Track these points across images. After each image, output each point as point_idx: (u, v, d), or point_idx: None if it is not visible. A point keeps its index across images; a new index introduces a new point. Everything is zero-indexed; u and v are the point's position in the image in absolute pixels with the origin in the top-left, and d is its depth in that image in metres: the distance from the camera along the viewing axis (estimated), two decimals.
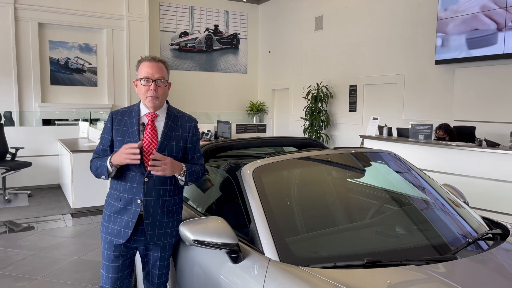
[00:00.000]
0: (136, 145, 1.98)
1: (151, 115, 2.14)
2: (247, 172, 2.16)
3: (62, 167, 6.93)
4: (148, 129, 2.11)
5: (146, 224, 2.09)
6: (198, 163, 2.24)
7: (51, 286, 3.50)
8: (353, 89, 9.25)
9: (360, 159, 2.55)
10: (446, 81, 7.23)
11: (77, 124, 8.25)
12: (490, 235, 2.10)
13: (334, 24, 9.69)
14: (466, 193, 4.11)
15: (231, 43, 12.61)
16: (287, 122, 11.50)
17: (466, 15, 6.61)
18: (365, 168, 2.54)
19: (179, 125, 2.18)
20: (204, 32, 12.20)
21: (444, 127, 5.82)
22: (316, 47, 10.30)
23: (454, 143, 4.77)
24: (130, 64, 10.53)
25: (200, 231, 1.84)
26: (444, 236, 2.05)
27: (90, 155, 5.76)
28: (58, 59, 10.05)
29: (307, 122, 9.83)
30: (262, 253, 1.80)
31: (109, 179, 2.14)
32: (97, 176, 2.16)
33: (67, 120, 9.74)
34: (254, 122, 12.21)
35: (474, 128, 5.92)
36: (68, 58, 10.18)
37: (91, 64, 10.47)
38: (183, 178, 2.12)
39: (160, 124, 2.15)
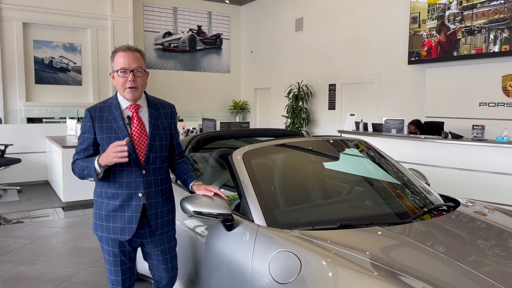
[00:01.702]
0: (123, 142, 1.91)
1: (134, 106, 2.09)
2: (237, 156, 2.48)
3: (51, 163, 7.10)
4: (135, 121, 2.07)
5: (150, 215, 2.10)
6: (180, 150, 2.33)
7: (52, 269, 3.74)
8: (332, 88, 9.67)
9: (335, 145, 2.92)
10: (418, 80, 7.70)
11: (64, 122, 8.40)
12: (445, 207, 2.49)
13: (314, 25, 10.10)
14: (433, 180, 4.53)
15: (214, 43, 12.89)
16: (270, 120, 11.86)
17: (437, 17, 7.09)
18: (340, 153, 2.90)
19: (161, 113, 2.18)
20: (188, 32, 12.45)
21: (415, 123, 6.27)
22: (297, 48, 10.69)
23: (423, 136, 5.20)
24: None
25: (199, 204, 2.15)
26: (406, 207, 2.42)
27: None
28: (43, 58, 10.15)
29: (289, 120, 10.21)
30: (252, 221, 2.13)
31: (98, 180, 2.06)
32: (83, 178, 2.11)
33: (52, 118, 9.84)
34: (237, 120, 12.53)
35: (443, 123, 6.39)
36: (53, 58, 10.28)
37: (75, 64, 10.59)
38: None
39: (144, 114, 2.12)
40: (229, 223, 2.15)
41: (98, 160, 1.98)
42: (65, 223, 5.17)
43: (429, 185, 2.98)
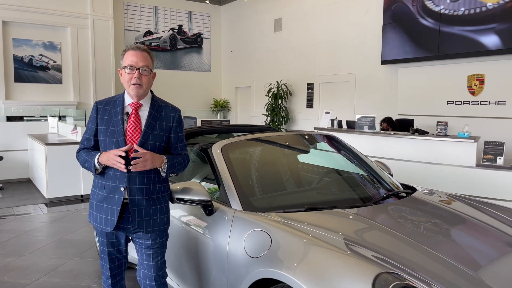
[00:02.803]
0: (123, 149, 2.03)
1: (135, 104, 2.16)
2: (216, 149, 2.72)
3: (33, 160, 7.18)
4: (131, 118, 2.13)
5: (133, 211, 2.12)
6: (181, 153, 2.29)
7: (39, 260, 3.90)
8: (310, 87, 9.99)
9: (307, 139, 3.18)
10: (391, 79, 8.08)
11: (45, 120, 8.46)
12: (404, 194, 2.78)
13: (293, 26, 10.39)
14: (401, 173, 4.85)
15: (195, 42, 13.05)
16: (250, 118, 12.10)
17: (408, 20, 7.46)
18: (311, 146, 3.17)
19: (163, 115, 2.21)
20: (168, 31, 12.58)
21: (387, 120, 6.62)
22: (276, 48, 10.97)
23: (392, 132, 5.53)
24: (95, 62, 10.75)
25: (181, 191, 2.37)
26: (368, 192, 2.71)
27: (63, 148, 6.15)
28: (22, 57, 10.13)
29: (268, 118, 10.47)
30: (230, 206, 2.37)
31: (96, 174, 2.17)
32: (84, 168, 2.24)
33: (33, 116, 9.85)
34: (218, 118, 12.73)
35: (413, 120, 6.75)
36: (32, 56, 10.27)
37: (55, 62, 10.60)
38: (164, 170, 2.17)
39: (144, 113, 2.17)
40: (209, 208, 2.39)
41: (98, 158, 2.10)
42: (49, 218, 5.30)
43: (392, 175, 3.27)
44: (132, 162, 2.03)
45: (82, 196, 6.30)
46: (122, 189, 2.11)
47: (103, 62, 10.88)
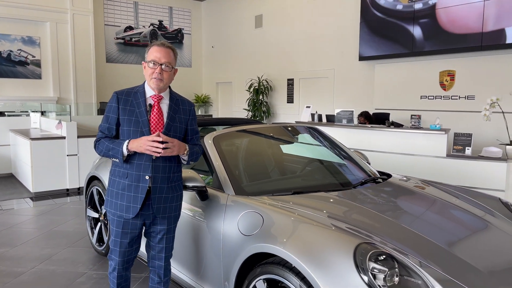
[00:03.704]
0: (160, 139, 2.12)
1: (157, 97, 2.27)
2: (208, 140, 2.91)
3: (17, 155, 7.18)
4: (154, 110, 2.24)
5: (153, 198, 2.24)
6: (197, 143, 2.43)
7: (32, 250, 4.01)
8: (290, 83, 10.24)
9: (291, 131, 3.41)
10: (368, 75, 8.40)
11: (26, 115, 8.42)
12: (380, 180, 3.04)
13: (273, 22, 10.61)
14: (377, 163, 5.13)
15: (176, 38, 13.12)
16: (231, 113, 12.28)
17: (384, 18, 7.78)
18: (295, 137, 3.40)
19: (181, 108, 2.35)
20: (149, 27, 12.60)
21: (364, 114, 6.94)
22: (256, 43, 11.16)
23: (369, 125, 5.83)
24: (75, 57, 10.70)
25: None
26: (348, 179, 2.96)
27: (48, 143, 6.17)
28: (0, 52, 10.01)
29: (250, 113, 10.68)
30: (223, 191, 2.57)
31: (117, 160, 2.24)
32: (105, 156, 2.28)
33: (13, 112, 9.75)
34: (200, 114, 12.85)
35: (388, 114, 7.07)
36: (11, 51, 10.16)
37: (34, 57, 10.51)
38: (185, 158, 2.31)
39: (164, 106, 2.29)
40: (203, 194, 2.58)
41: (127, 145, 2.17)
42: (37, 212, 5.37)
43: (369, 163, 3.54)
44: (163, 146, 2.13)
45: (67, 190, 6.37)
46: (147, 177, 2.21)
47: (83, 57, 10.84)
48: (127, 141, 2.19)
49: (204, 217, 2.57)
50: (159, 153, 2.14)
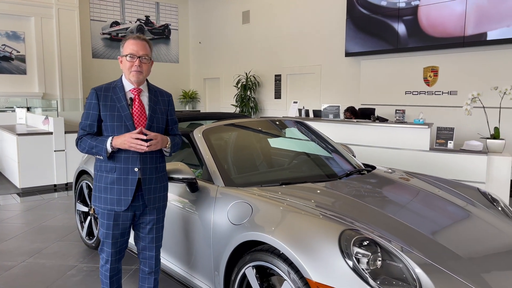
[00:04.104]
0: (135, 132, 2.16)
1: (137, 90, 2.30)
2: (198, 133, 2.97)
3: (2, 151, 7.12)
4: (136, 103, 2.27)
5: (144, 190, 2.28)
6: (176, 133, 2.49)
7: (22, 244, 4.01)
8: (278, 78, 10.32)
9: (278, 124, 3.49)
10: (354, 71, 8.53)
11: (12, 111, 8.34)
12: (365, 171, 3.14)
13: (260, 18, 10.66)
14: (363, 156, 5.24)
15: (163, 33, 13.07)
16: (219, 109, 12.31)
17: (369, 15, 7.90)
18: (282, 130, 3.48)
19: (160, 99, 2.39)
20: (136, 22, 12.53)
21: (350, 110, 7.05)
22: (244, 39, 11.20)
23: (355, 120, 5.94)
24: (60, 53, 10.59)
25: (168, 172, 2.61)
26: (334, 170, 3.05)
27: (35, 138, 6.15)
28: None
29: (238, 109, 10.73)
30: (213, 183, 2.63)
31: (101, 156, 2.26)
32: (89, 154, 2.30)
33: None
34: (188, 109, 12.85)
35: (374, 109, 7.22)
36: None
37: (19, 52, 10.37)
38: (168, 150, 2.36)
39: (144, 98, 2.32)
40: (193, 186, 2.64)
41: (111, 142, 2.19)
42: (25, 207, 5.36)
43: (354, 156, 3.64)
44: (148, 144, 2.18)
45: (55, 185, 6.35)
46: (136, 169, 2.25)
47: (68, 53, 10.73)
48: (111, 138, 2.21)
49: (194, 208, 2.63)
50: (143, 149, 2.18)
